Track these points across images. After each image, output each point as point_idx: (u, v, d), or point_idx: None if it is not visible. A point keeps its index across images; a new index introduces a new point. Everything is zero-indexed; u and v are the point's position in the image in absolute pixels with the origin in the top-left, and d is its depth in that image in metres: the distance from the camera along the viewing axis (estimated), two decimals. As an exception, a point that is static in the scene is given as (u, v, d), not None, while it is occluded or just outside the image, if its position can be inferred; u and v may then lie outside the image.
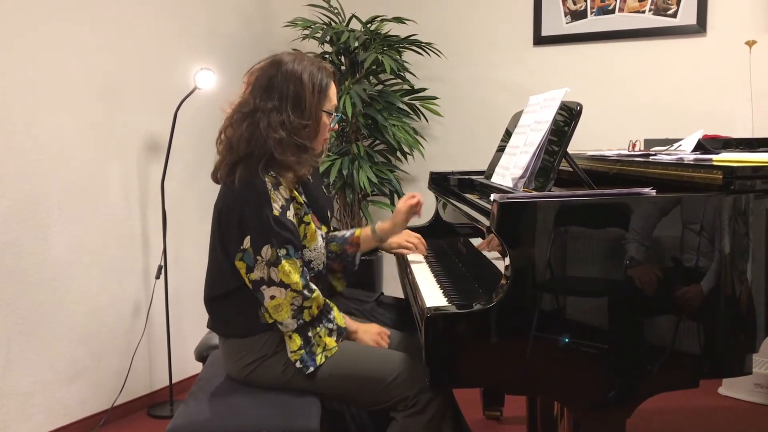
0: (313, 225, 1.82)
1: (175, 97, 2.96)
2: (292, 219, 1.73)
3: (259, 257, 1.68)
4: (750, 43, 2.83)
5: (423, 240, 2.33)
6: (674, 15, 3.29)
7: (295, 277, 1.69)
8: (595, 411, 1.53)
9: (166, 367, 3.02)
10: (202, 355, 2.22)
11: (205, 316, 1.89)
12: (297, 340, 1.73)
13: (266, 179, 1.69)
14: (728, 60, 3.18)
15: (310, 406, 1.71)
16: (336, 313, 1.80)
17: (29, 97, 2.57)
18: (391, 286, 3.72)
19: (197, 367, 2.58)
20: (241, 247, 1.69)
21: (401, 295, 2.26)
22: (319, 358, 1.73)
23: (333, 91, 1.83)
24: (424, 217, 2.75)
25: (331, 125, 1.85)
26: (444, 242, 2.47)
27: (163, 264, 2.96)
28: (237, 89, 3.57)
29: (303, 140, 1.74)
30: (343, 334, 1.79)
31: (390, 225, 2.10)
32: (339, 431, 1.95)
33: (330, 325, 1.77)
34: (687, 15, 3.26)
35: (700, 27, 3.24)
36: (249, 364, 1.77)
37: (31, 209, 2.59)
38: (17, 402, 2.57)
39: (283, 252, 1.68)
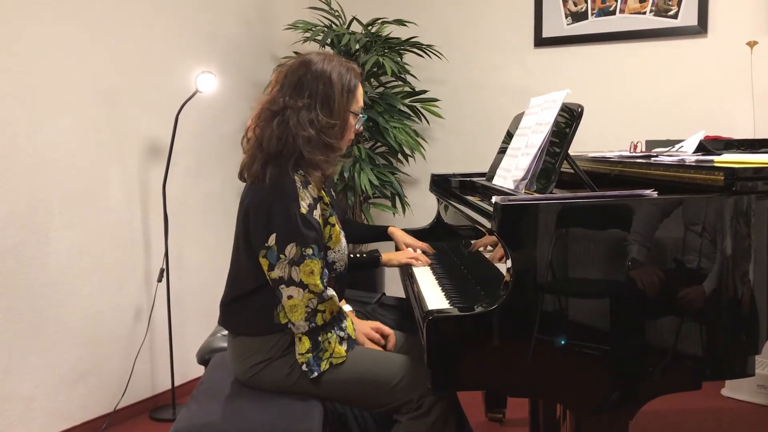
0: (337, 227, 1.83)
1: (176, 100, 2.96)
2: (317, 219, 1.74)
3: (282, 255, 1.68)
4: (751, 44, 2.83)
5: (429, 248, 2.33)
6: (675, 16, 3.29)
7: (316, 278, 1.69)
8: (597, 413, 1.52)
9: (169, 370, 3.02)
10: (204, 358, 2.21)
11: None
12: (306, 343, 1.73)
13: (296, 177, 1.71)
14: (729, 61, 3.18)
15: (312, 410, 1.71)
16: (348, 323, 1.80)
17: (30, 101, 2.57)
18: (393, 287, 3.72)
19: (199, 371, 2.58)
20: (266, 244, 1.70)
21: (403, 296, 2.26)
22: (324, 364, 1.73)
23: (360, 92, 1.85)
24: (426, 220, 2.76)
25: (357, 126, 1.87)
26: (445, 244, 2.47)
27: (164, 267, 2.96)
28: (238, 92, 3.58)
29: (331, 139, 1.76)
30: (353, 345, 1.79)
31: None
32: (341, 434, 1.95)
33: (342, 333, 1.77)
34: (688, 16, 3.26)
35: (701, 28, 3.24)
36: (256, 365, 1.77)
37: (32, 213, 2.59)
38: (19, 406, 2.57)
39: (309, 251, 1.68)
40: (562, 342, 1.47)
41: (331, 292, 1.74)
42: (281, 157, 1.72)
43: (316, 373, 1.72)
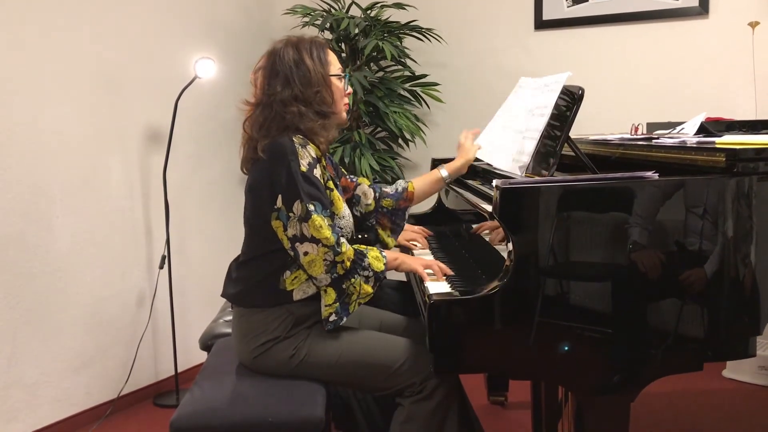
0: (336, 192, 1.83)
1: (175, 86, 2.95)
2: (318, 177, 1.75)
3: (291, 213, 1.70)
4: (753, 25, 2.81)
5: (425, 231, 2.33)
6: (676, -3, 3.26)
7: (327, 232, 1.69)
8: (599, 395, 1.53)
9: (171, 356, 3.04)
10: (206, 344, 2.22)
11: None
12: (332, 294, 1.73)
13: (294, 139, 1.73)
14: (731, 42, 3.16)
15: (315, 394, 1.72)
16: (371, 259, 1.76)
17: (30, 89, 2.57)
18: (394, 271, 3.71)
19: (202, 356, 2.59)
20: (275, 207, 1.72)
21: (404, 279, 2.26)
22: (352, 307, 1.73)
23: (332, 56, 1.87)
24: (427, 204, 2.76)
25: (345, 87, 1.88)
26: (447, 229, 2.47)
27: (166, 254, 2.96)
28: (237, 78, 3.56)
29: (321, 107, 1.79)
30: (381, 279, 1.77)
31: (460, 162, 2.17)
32: (345, 418, 1.96)
33: (366, 273, 1.75)
34: (689, -3, 3.23)
35: (702, 9, 3.21)
36: (261, 345, 1.77)
37: (33, 202, 2.59)
38: (24, 393, 2.58)
39: (311, 207, 1.69)
40: (564, 325, 1.47)
41: (343, 242, 1.73)
42: (274, 134, 1.76)
43: (345, 318, 1.73)
